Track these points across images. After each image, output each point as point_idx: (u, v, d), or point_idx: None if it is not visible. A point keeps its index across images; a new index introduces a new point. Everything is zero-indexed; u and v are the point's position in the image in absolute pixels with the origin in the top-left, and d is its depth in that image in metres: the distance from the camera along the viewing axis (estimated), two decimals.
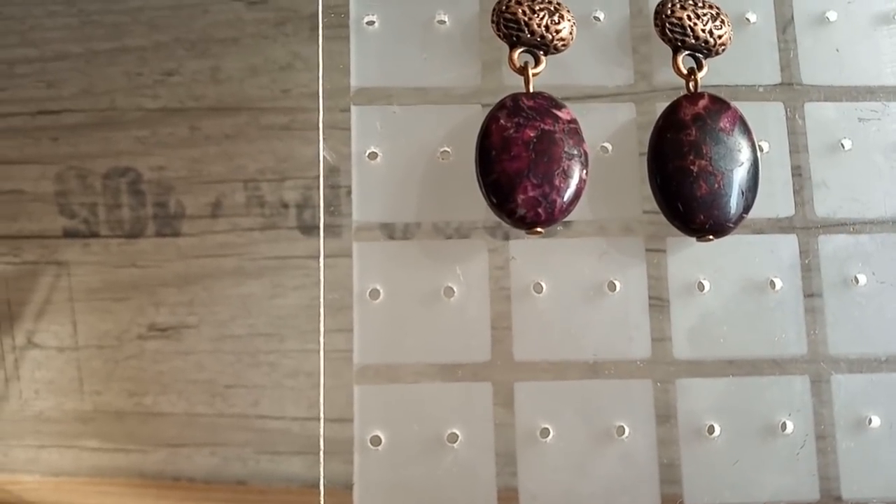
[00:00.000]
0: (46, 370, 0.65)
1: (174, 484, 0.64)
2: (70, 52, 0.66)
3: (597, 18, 0.34)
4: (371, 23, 0.34)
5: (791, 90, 0.34)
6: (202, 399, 0.65)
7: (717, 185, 0.31)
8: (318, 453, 0.31)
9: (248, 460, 0.65)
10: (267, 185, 0.65)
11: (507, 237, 0.33)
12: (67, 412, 0.65)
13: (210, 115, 0.65)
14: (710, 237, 0.31)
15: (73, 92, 0.65)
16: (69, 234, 0.65)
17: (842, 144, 0.34)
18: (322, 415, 0.32)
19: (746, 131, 0.32)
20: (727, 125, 0.31)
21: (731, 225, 0.31)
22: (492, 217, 0.32)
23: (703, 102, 0.32)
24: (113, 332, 0.65)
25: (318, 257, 0.33)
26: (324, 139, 0.33)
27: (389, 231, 0.33)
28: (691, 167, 0.31)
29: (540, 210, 0.30)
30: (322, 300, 0.32)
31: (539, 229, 0.30)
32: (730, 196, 0.31)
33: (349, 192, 0.33)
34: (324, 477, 0.31)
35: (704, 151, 0.31)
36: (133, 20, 0.65)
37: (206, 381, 0.65)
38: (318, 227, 0.33)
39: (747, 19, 0.35)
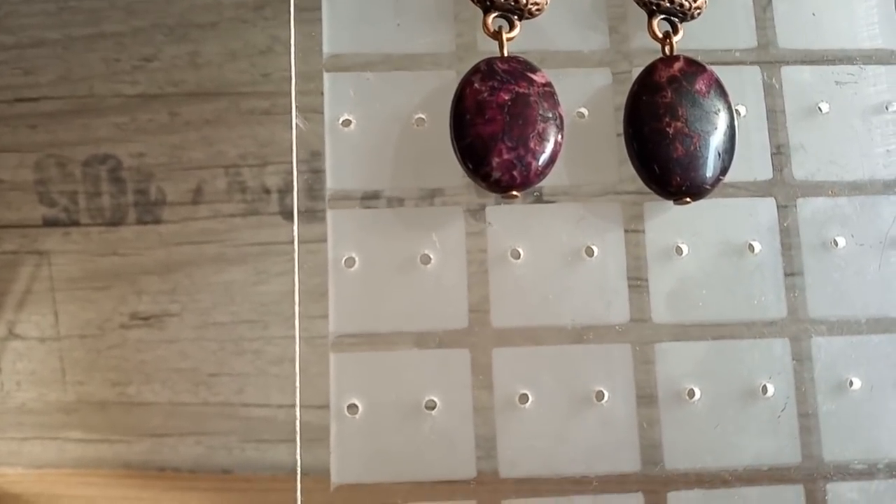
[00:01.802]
0: (28, 361, 0.65)
1: (159, 474, 0.63)
2: (47, 38, 0.65)
3: None
4: None
5: (767, 54, 0.34)
6: (186, 388, 0.64)
7: (693, 147, 0.30)
8: (304, 440, 0.31)
9: (234, 449, 0.65)
10: (248, 170, 0.65)
11: (483, 204, 0.32)
12: (50, 403, 0.64)
13: (190, 101, 0.65)
14: (688, 199, 0.31)
15: (51, 79, 0.65)
16: (49, 222, 0.65)
17: (819, 108, 0.34)
18: (298, 400, 0.31)
19: (723, 94, 0.31)
20: (703, 87, 0.31)
21: (707, 187, 0.31)
22: (468, 183, 0.32)
23: (678, 65, 0.31)
24: (95, 321, 0.65)
25: (302, 242, 0.33)
26: (299, 114, 0.33)
27: (364, 198, 0.33)
28: (667, 129, 0.30)
29: (515, 173, 0.30)
30: (297, 283, 0.32)
31: (514, 193, 0.30)
32: (706, 158, 0.30)
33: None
34: (307, 463, 0.31)
35: (680, 113, 0.30)
36: (111, 5, 0.65)
37: (189, 369, 0.64)
38: (301, 212, 0.33)
39: None
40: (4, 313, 0.65)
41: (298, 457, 0.31)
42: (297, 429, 0.31)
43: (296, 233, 0.32)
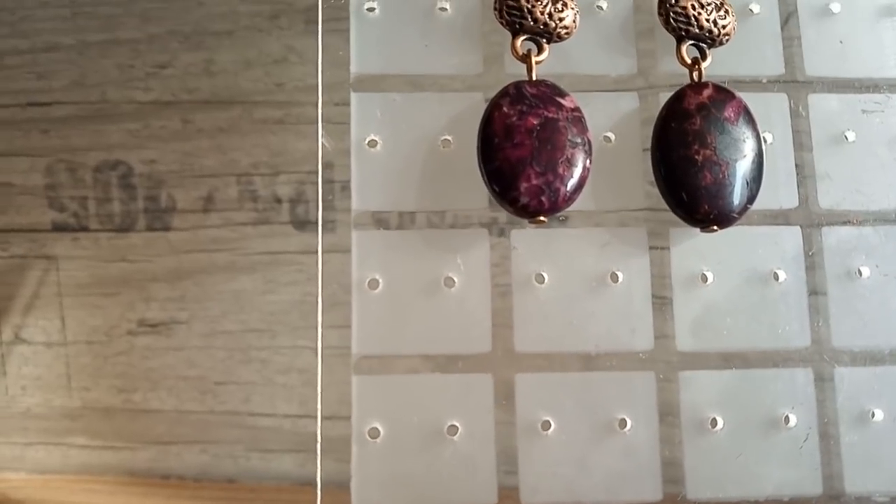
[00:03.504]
0: (34, 366, 0.64)
1: (164, 482, 0.63)
2: (62, 43, 0.65)
3: (600, 7, 0.34)
4: (371, 9, 0.33)
5: (794, 81, 0.34)
6: (192, 396, 0.64)
7: (721, 175, 0.30)
8: (310, 451, 0.31)
9: (239, 458, 0.64)
10: (260, 179, 0.65)
11: (508, 227, 0.32)
12: (55, 409, 0.64)
13: (203, 109, 0.65)
14: (715, 227, 0.31)
15: (64, 84, 0.65)
16: (58, 227, 0.65)
17: (845, 136, 0.34)
18: (319, 412, 0.31)
19: (751, 121, 0.31)
20: (732, 115, 0.31)
21: (735, 215, 0.31)
22: (493, 206, 0.31)
23: (707, 92, 0.31)
24: (102, 327, 0.64)
25: (312, 252, 0.33)
26: (325, 133, 0.33)
27: (389, 220, 0.32)
28: (696, 156, 0.30)
29: (543, 199, 0.30)
30: (320, 295, 0.32)
31: (542, 218, 0.30)
32: (734, 186, 0.30)
33: (343, 188, 0.33)
34: (312, 474, 0.31)
35: (709, 141, 0.30)
36: (126, 12, 0.65)
37: (196, 377, 0.64)
38: (312, 223, 0.33)
39: (751, 10, 0.34)
40: (11, 317, 0.65)
41: (318, 468, 0.31)
42: (318, 441, 0.31)
43: (320, 244, 0.32)
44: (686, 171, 0.30)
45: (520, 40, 0.32)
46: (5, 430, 0.65)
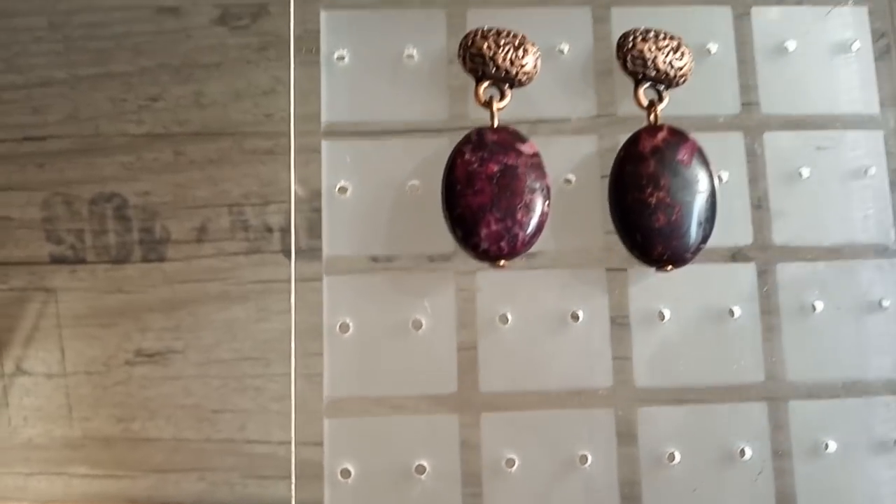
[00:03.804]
0: (35, 397, 0.65)
1: None
2: (55, 77, 0.66)
3: (561, 51, 0.35)
4: (341, 58, 0.34)
5: (750, 120, 0.35)
6: (190, 424, 0.65)
7: (674, 217, 0.31)
8: (304, 477, 0.32)
9: (236, 485, 0.65)
10: (251, 209, 0.66)
11: (474, 269, 0.33)
12: (56, 439, 0.65)
13: (194, 140, 0.66)
14: (669, 267, 0.32)
15: (59, 118, 0.66)
16: (56, 260, 0.65)
17: (800, 173, 0.35)
18: (293, 438, 0.32)
19: (704, 163, 0.32)
20: (685, 157, 0.32)
21: (689, 255, 0.32)
22: (459, 249, 0.32)
23: (661, 135, 0.32)
24: (100, 357, 0.65)
25: (303, 280, 0.34)
26: (301, 165, 0.34)
27: (359, 264, 0.34)
28: (650, 199, 0.31)
29: (503, 244, 0.31)
30: (293, 326, 0.33)
31: (502, 262, 0.31)
32: (688, 227, 0.31)
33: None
34: (303, 499, 0.32)
35: (662, 183, 0.31)
36: (117, 45, 0.66)
37: (193, 406, 0.65)
38: (304, 250, 0.34)
39: (708, 50, 0.35)
40: (12, 349, 0.66)
41: (293, 493, 0.32)
42: (293, 469, 0.32)
43: (292, 277, 0.33)
44: (640, 214, 0.31)
45: (482, 87, 0.33)
46: (8, 461, 0.65)
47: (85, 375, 0.65)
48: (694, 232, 0.31)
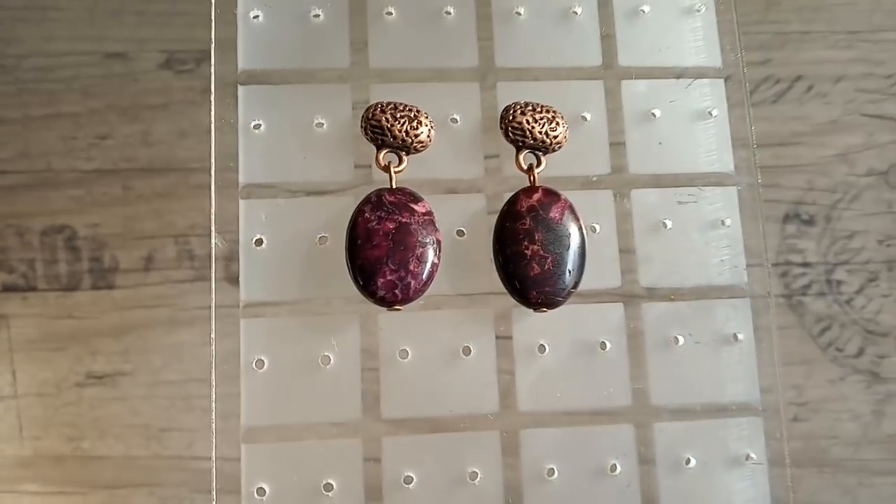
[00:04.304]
0: None
1: None
2: (7, 117, 0.70)
3: (454, 120, 0.40)
4: (258, 126, 0.39)
5: (620, 178, 0.40)
6: (139, 442, 0.68)
7: (547, 266, 0.36)
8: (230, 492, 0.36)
9: (185, 499, 0.68)
10: (196, 239, 0.69)
11: (376, 312, 0.38)
12: (8, 458, 0.68)
13: (142, 176, 0.70)
14: (544, 309, 0.37)
15: (11, 154, 0.69)
16: (8, 287, 0.69)
17: (664, 223, 0.40)
18: (214, 456, 0.36)
19: (575, 218, 0.37)
20: (557, 215, 0.37)
21: (560, 299, 0.36)
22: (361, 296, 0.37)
23: (537, 195, 0.37)
24: (52, 380, 0.68)
25: (240, 307, 0.38)
26: (218, 236, 0.38)
27: (273, 308, 0.38)
28: (526, 251, 0.36)
29: (397, 291, 0.35)
30: (213, 357, 0.37)
31: (397, 307, 0.36)
32: (559, 275, 0.36)
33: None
34: None
35: (537, 238, 0.36)
36: (67, 88, 0.70)
37: (141, 425, 0.68)
38: (239, 283, 0.38)
39: (583, 117, 0.40)
40: None
41: None
42: (213, 484, 0.36)
43: (213, 320, 0.37)
44: (518, 264, 0.36)
45: (382, 153, 0.38)
46: None
47: (36, 397, 0.68)
48: (564, 279, 0.36)
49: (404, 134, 0.37)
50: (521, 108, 0.38)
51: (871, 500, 0.67)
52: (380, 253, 0.35)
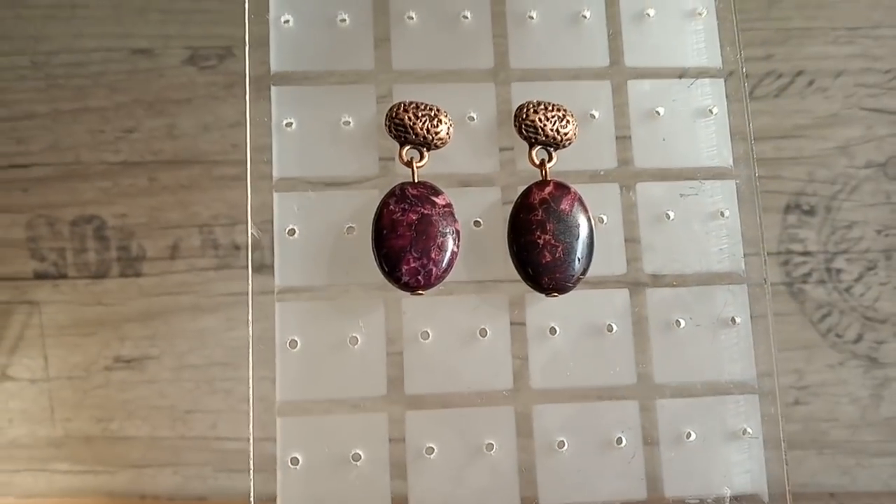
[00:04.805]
0: (20, 400, 0.71)
1: (140, 501, 0.70)
2: (38, 111, 0.72)
3: (471, 118, 0.42)
4: (290, 124, 0.42)
5: (626, 172, 0.43)
6: (164, 423, 0.71)
7: (558, 255, 0.39)
8: (271, 470, 0.39)
9: (208, 478, 0.71)
10: (220, 229, 0.72)
11: (400, 297, 0.41)
12: (40, 438, 0.71)
13: (167, 168, 0.72)
14: (555, 294, 0.40)
15: (42, 147, 0.72)
16: (40, 275, 0.71)
17: (667, 215, 0.43)
18: (252, 436, 0.39)
19: (584, 210, 0.40)
20: (567, 207, 0.40)
21: (570, 285, 0.39)
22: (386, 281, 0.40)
23: (548, 189, 0.40)
24: (81, 364, 0.71)
25: (268, 293, 0.41)
26: (254, 226, 0.41)
27: (305, 293, 0.41)
28: (538, 241, 0.39)
29: (420, 277, 0.38)
30: (251, 341, 0.40)
31: (420, 292, 0.39)
32: (569, 263, 0.39)
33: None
34: (261, 490, 0.39)
35: (548, 228, 0.39)
36: (95, 83, 0.72)
37: (167, 407, 0.71)
38: (268, 266, 0.41)
39: (592, 115, 0.43)
40: None
41: (252, 485, 0.39)
42: (251, 463, 0.39)
43: (250, 295, 0.40)
44: (530, 252, 0.39)
45: (405, 150, 0.41)
46: None
47: (67, 380, 0.71)
48: (574, 266, 0.39)
49: (425, 131, 0.40)
50: (533, 106, 0.41)
51: (868, 480, 0.69)
52: (404, 242, 0.38)
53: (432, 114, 0.40)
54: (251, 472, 0.38)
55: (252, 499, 0.38)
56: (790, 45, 0.72)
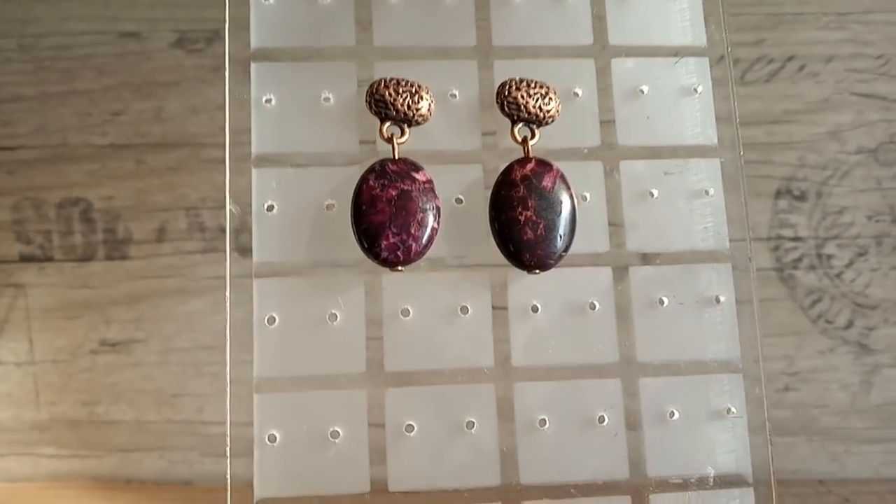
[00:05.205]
0: (5, 384, 0.71)
1: (126, 486, 0.70)
2: (24, 94, 0.72)
3: (453, 95, 0.42)
4: (269, 100, 0.41)
5: (610, 150, 0.42)
6: (150, 407, 0.71)
7: (539, 231, 0.39)
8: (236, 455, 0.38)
9: (194, 463, 0.71)
10: (207, 212, 0.72)
11: (380, 273, 0.40)
12: (25, 422, 0.71)
13: (154, 150, 0.72)
14: (537, 271, 0.39)
15: (28, 130, 0.72)
16: (25, 258, 0.71)
17: (651, 193, 0.42)
18: (229, 420, 0.39)
19: (566, 187, 0.40)
20: (549, 184, 0.39)
21: (551, 262, 0.39)
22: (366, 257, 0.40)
23: (530, 166, 0.40)
24: (67, 347, 0.71)
25: (251, 277, 0.40)
26: (232, 202, 0.41)
27: (284, 268, 0.41)
28: (519, 217, 0.39)
29: (399, 253, 0.38)
30: (228, 321, 0.40)
31: (400, 268, 0.38)
32: (550, 240, 0.39)
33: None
34: (238, 474, 0.39)
35: (530, 205, 0.39)
36: (82, 66, 0.72)
37: (153, 390, 0.71)
38: (251, 251, 0.40)
39: (575, 93, 0.43)
40: None
41: (229, 471, 0.38)
42: (228, 445, 0.38)
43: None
44: (512, 229, 0.39)
45: (385, 126, 0.40)
46: None
47: (52, 364, 0.70)
48: (556, 243, 0.39)
49: (406, 108, 0.40)
50: (516, 83, 0.40)
51: (858, 466, 0.69)
52: (383, 218, 0.38)
53: (413, 90, 0.40)
54: (227, 451, 0.38)
55: (228, 479, 0.38)
56: (781, 30, 0.71)
